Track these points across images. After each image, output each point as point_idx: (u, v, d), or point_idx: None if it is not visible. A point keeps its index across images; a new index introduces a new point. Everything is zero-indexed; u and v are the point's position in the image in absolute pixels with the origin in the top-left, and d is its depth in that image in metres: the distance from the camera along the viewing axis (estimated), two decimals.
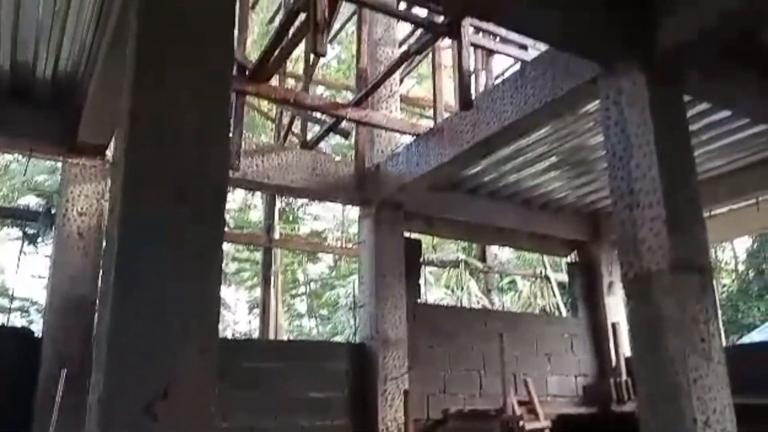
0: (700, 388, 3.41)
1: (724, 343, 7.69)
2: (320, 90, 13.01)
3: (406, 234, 7.09)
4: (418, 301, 7.29)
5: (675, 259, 3.56)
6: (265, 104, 10.18)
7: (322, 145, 7.72)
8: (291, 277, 20.73)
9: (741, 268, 20.54)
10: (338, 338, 16.38)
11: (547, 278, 10.37)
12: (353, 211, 7.31)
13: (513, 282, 13.90)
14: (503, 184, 7.39)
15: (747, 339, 15.16)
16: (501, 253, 16.26)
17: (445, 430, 6.53)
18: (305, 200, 17.90)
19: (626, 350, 7.66)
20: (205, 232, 2.21)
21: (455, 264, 10.65)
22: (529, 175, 7.16)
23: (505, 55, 6.46)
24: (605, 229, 8.15)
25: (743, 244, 20.04)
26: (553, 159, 6.70)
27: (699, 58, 3.97)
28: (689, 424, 3.35)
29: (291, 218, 19.61)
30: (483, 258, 9.97)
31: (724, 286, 20.08)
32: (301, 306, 22.35)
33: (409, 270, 6.82)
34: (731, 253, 21.26)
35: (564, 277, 9.04)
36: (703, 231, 3.75)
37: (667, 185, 3.64)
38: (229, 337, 16.45)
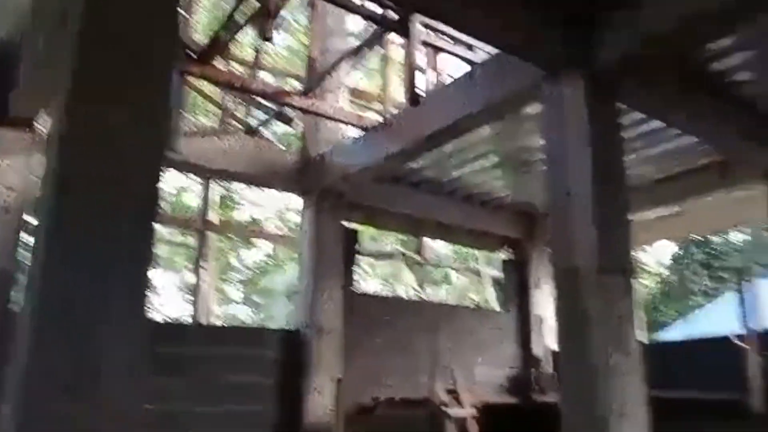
0: (618, 380, 3.63)
1: (642, 340, 8.14)
2: (267, 77, 12.82)
3: (346, 224, 7.15)
4: (354, 290, 7.37)
5: (602, 260, 3.76)
6: (209, 87, 9.96)
7: (265, 132, 7.65)
8: (226, 264, 20.40)
9: (663, 271, 21.69)
10: (272, 326, 16.28)
11: (480, 273, 10.66)
12: (293, 200, 7.28)
13: (448, 276, 14.24)
14: (446, 179, 7.55)
15: (663, 336, 16.08)
16: (438, 247, 16.58)
17: (374, 418, 6.65)
18: (244, 186, 17.62)
19: (550, 344, 8.02)
20: (137, 213, 2.18)
21: (393, 255, 10.77)
22: (471, 173, 7.34)
23: (453, 55, 6.57)
24: (539, 228, 8.47)
25: (670, 249, 21.16)
26: (495, 158, 6.90)
27: (635, 70, 4.18)
28: (606, 413, 3.55)
29: (229, 204, 19.28)
30: (420, 250, 10.12)
31: (647, 287, 21.16)
32: (235, 293, 22.03)
33: (346, 259, 6.88)
34: (654, 258, 22.40)
35: (497, 273, 9.32)
36: (628, 235, 3.97)
37: (599, 189, 3.84)
38: (158, 320, 16.08)
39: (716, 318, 13.03)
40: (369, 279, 13.12)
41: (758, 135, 5.60)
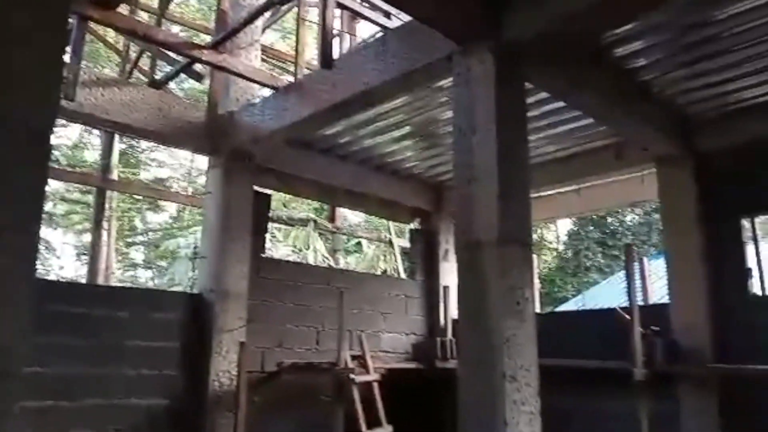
0: (512, 347, 3.78)
1: (537, 310, 8.56)
2: (177, 29, 12.22)
3: (257, 188, 7.00)
4: (263, 255, 7.26)
5: (502, 231, 3.88)
6: (114, 36, 9.38)
7: (173, 87, 7.29)
8: (128, 224, 19.55)
9: (561, 247, 22.87)
10: (176, 290, 15.84)
11: (391, 243, 10.81)
12: (202, 161, 7.02)
13: (359, 244, 14.33)
14: (358, 147, 7.53)
15: (559, 309, 17.00)
16: (350, 216, 16.62)
17: (278, 383, 6.65)
18: (150, 144, 16.85)
19: (454, 313, 8.30)
20: (26, 165, 2.02)
21: (304, 222, 10.71)
22: (383, 142, 7.36)
23: (370, 22, 6.51)
24: (447, 200, 8.66)
25: (566, 226, 22.30)
26: (407, 129, 6.94)
27: (543, 50, 4.30)
28: (499, 377, 3.71)
29: (133, 161, 18.41)
30: (332, 219, 10.11)
31: (546, 262, 22.26)
32: (137, 255, 21.20)
33: (256, 224, 6.75)
34: (555, 234, 23.55)
35: (407, 243, 9.48)
36: (528, 208, 4.12)
37: (502, 163, 3.94)
38: (53, 279, 15.21)
39: (609, 293, 13.95)
40: (279, 245, 12.97)
41: (653, 121, 5.96)
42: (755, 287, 6.21)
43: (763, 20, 4.61)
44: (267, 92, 6.38)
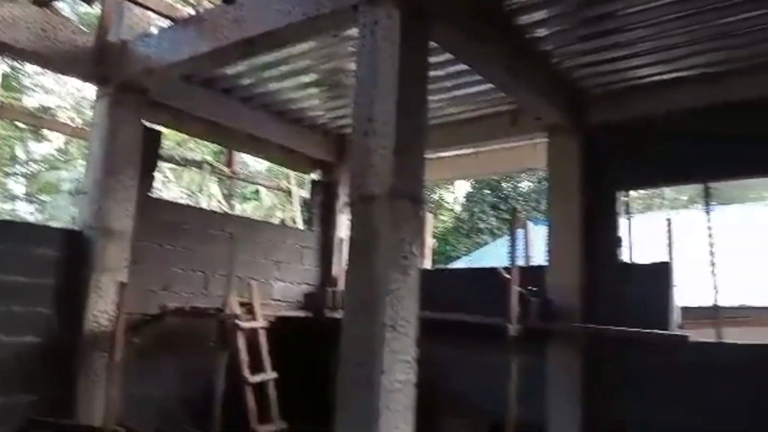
0: (395, 299, 3.89)
1: (429, 266, 8.82)
2: None
3: (147, 123, 6.65)
4: (151, 195, 6.97)
5: (395, 186, 3.94)
6: None
7: (67, 10, 6.69)
8: (9, 154, 18.05)
9: (458, 209, 23.62)
10: (55, 224, 14.90)
11: (291, 192, 10.69)
12: (92, 91, 6.54)
13: (257, 192, 14.06)
14: (261, 91, 7.31)
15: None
16: (252, 162, 16.21)
17: (160, 327, 6.50)
18: (36, 69, 15.51)
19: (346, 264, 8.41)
20: None
21: (199, 164, 10.32)
22: (288, 88, 7.18)
23: None
24: (348, 152, 8.64)
25: (464, 188, 23.01)
26: (314, 76, 6.82)
27: (447, 9, 4.33)
28: (380, 327, 3.82)
29: (15, 86, 16.90)
30: (230, 163, 9.82)
31: (443, 222, 22.94)
32: (17, 187, 19.69)
33: (144, 161, 6.43)
34: (453, 196, 24.25)
35: (307, 193, 9.42)
36: (422, 166, 4.20)
37: (401, 119, 3.96)
38: None
39: (498, 254, 14.63)
40: (172, 186, 12.42)
41: (548, 91, 6.21)
42: (624, 256, 6.73)
43: (657, 2, 4.87)
44: (166, 24, 6.00)
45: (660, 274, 6.34)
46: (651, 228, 7.47)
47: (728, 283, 7.59)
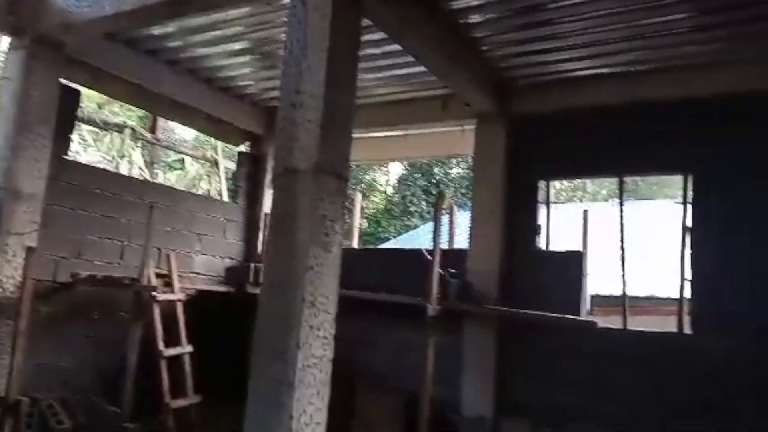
0: (315, 275, 3.89)
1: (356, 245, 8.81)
2: None
3: (65, 82, 6.29)
4: (67, 158, 6.62)
5: (320, 161, 3.90)
6: None
7: None
8: None
9: (391, 191, 23.76)
10: None
11: (217, 163, 10.42)
12: (4, 43, 6.12)
13: (182, 161, 13.60)
14: (189, 55, 7.05)
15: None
16: (179, 129, 15.65)
17: (72, 295, 6.23)
18: None
19: None
20: None
21: (120, 128, 9.86)
22: (217, 54, 6.97)
23: None
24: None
25: (398, 172, 23.14)
26: (245, 44, 6.64)
27: None
28: (298, 303, 3.80)
29: None
30: (153, 129, 9.45)
31: (375, 203, 23.02)
32: None
33: (60, 122, 6.08)
34: (386, 178, 24.35)
35: (233, 165, 9.21)
36: (348, 142, 4.17)
37: (329, 93, 3.92)
38: None
39: (426, 238, 14.84)
40: (90, 150, 11.81)
41: (477, 78, 6.31)
42: (542, 243, 6.97)
43: None
44: None
45: (573, 262, 6.62)
46: (572, 219, 7.79)
47: (637, 275, 8.02)
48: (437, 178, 20.96)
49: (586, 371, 6.17)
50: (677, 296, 6.17)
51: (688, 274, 6.03)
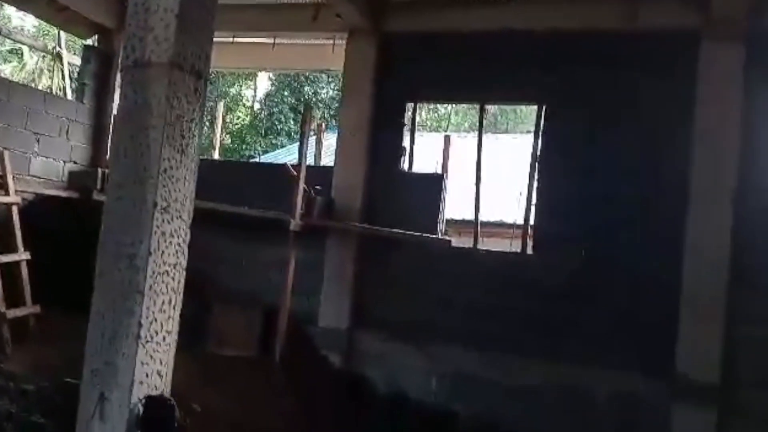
0: (168, 178, 3.67)
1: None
2: None
3: None
4: None
5: (176, 55, 3.61)
6: None
7: None
8: None
9: (257, 107, 22.95)
10: None
11: (60, 57, 9.33)
12: None
13: (20, 52, 12.00)
14: None
15: None
16: (14, 15, 13.70)
17: None
18: None
19: None
20: None
21: None
22: None
23: None
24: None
25: (265, 87, 22.32)
26: None
27: None
28: (149, 207, 3.59)
29: None
30: None
31: (239, 118, 22.16)
32: None
33: None
34: (252, 93, 23.44)
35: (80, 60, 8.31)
36: (209, 38, 3.88)
37: None
38: None
39: (293, 158, 14.59)
40: None
41: None
42: (405, 165, 7.12)
43: None
44: None
45: (433, 184, 6.88)
46: (436, 147, 8.02)
47: (490, 202, 8.53)
48: (307, 97, 20.51)
49: (438, 287, 6.53)
50: (522, 221, 6.66)
51: (534, 201, 6.48)
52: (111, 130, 7.78)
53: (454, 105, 20.97)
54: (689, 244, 5.67)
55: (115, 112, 7.80)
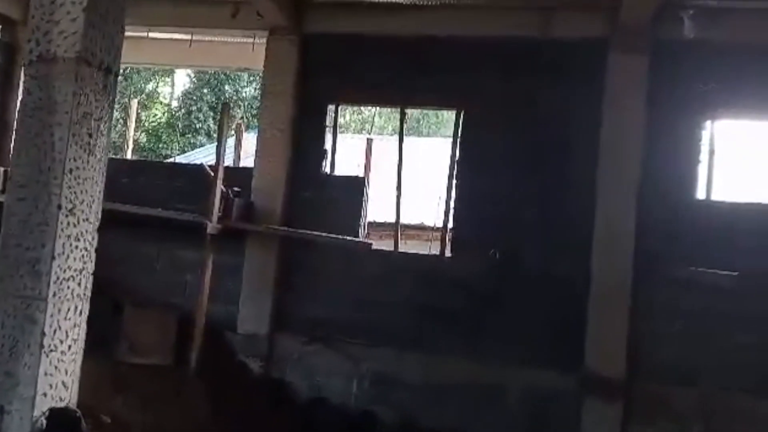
0: (74, 179, 3.52)
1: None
2: None
3: None
4: None
5: (85, 50, 3.48)
6: None
7: None
8: None
9: (175, 104, 22.22)
10: None
11: None
12: None
13: None
14: None
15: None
16: None
17: None
18: None
19: None
20: None
21: None
22: None
23: None
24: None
25: (183, 84, 21.65)
26: None
27: None
28: (54, 209, 3.44)
29: None
30: None
31: (155, 116, 21.38)
32: None
33: None
34: (170, 90, 22.68)
35: None
36: (119, 33, 3.76)
37: None
38: None
39: (212, 159, 14.20)
40: None
41: None
42: (327, 167, 7.09)
43: None
44: None
45: (355, 187, 6.88)
46: (359, 150, 8.05)
47: (410, 205, 8.64)
48: (227, 96, 20.08)
49: (359, 290, 6.54)
50: (441, 224, 6.79)
51: (453, 205, 6.62)
52: (13, 126, 7.32)
53: (377, 108, 21.09)
54: (596, 242, 5.96)
55: (16, 106, 7.37)
